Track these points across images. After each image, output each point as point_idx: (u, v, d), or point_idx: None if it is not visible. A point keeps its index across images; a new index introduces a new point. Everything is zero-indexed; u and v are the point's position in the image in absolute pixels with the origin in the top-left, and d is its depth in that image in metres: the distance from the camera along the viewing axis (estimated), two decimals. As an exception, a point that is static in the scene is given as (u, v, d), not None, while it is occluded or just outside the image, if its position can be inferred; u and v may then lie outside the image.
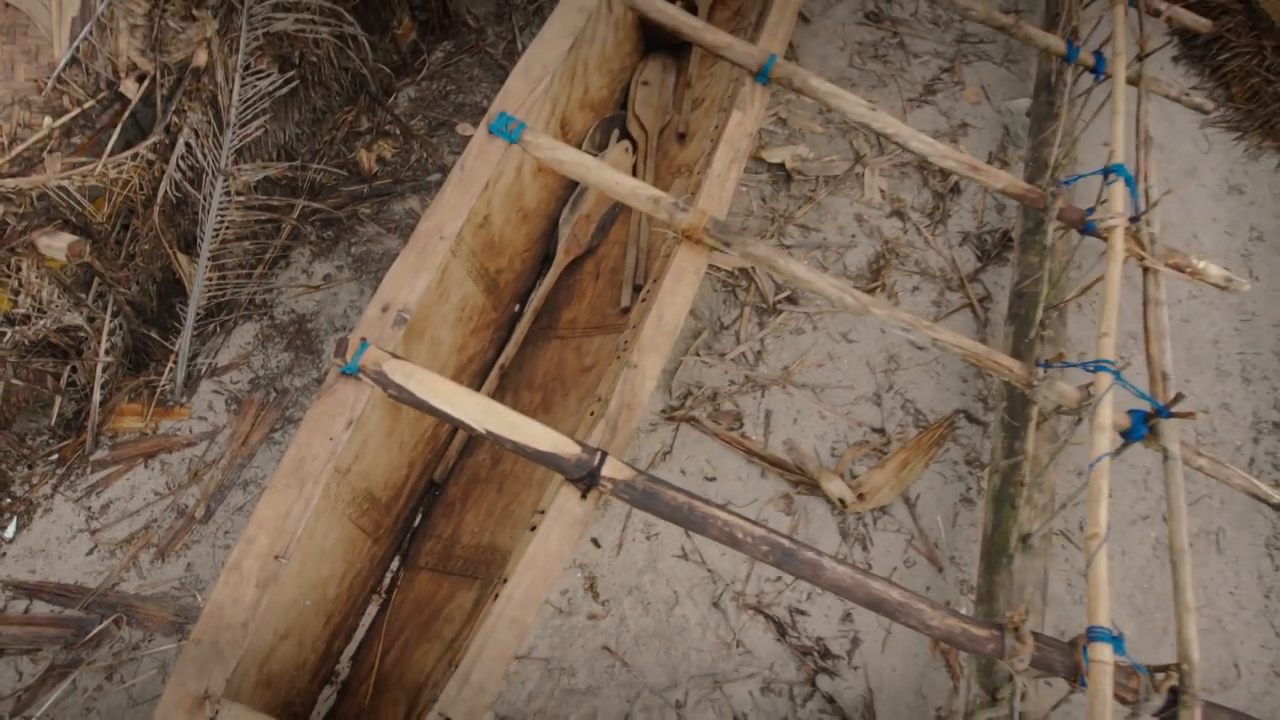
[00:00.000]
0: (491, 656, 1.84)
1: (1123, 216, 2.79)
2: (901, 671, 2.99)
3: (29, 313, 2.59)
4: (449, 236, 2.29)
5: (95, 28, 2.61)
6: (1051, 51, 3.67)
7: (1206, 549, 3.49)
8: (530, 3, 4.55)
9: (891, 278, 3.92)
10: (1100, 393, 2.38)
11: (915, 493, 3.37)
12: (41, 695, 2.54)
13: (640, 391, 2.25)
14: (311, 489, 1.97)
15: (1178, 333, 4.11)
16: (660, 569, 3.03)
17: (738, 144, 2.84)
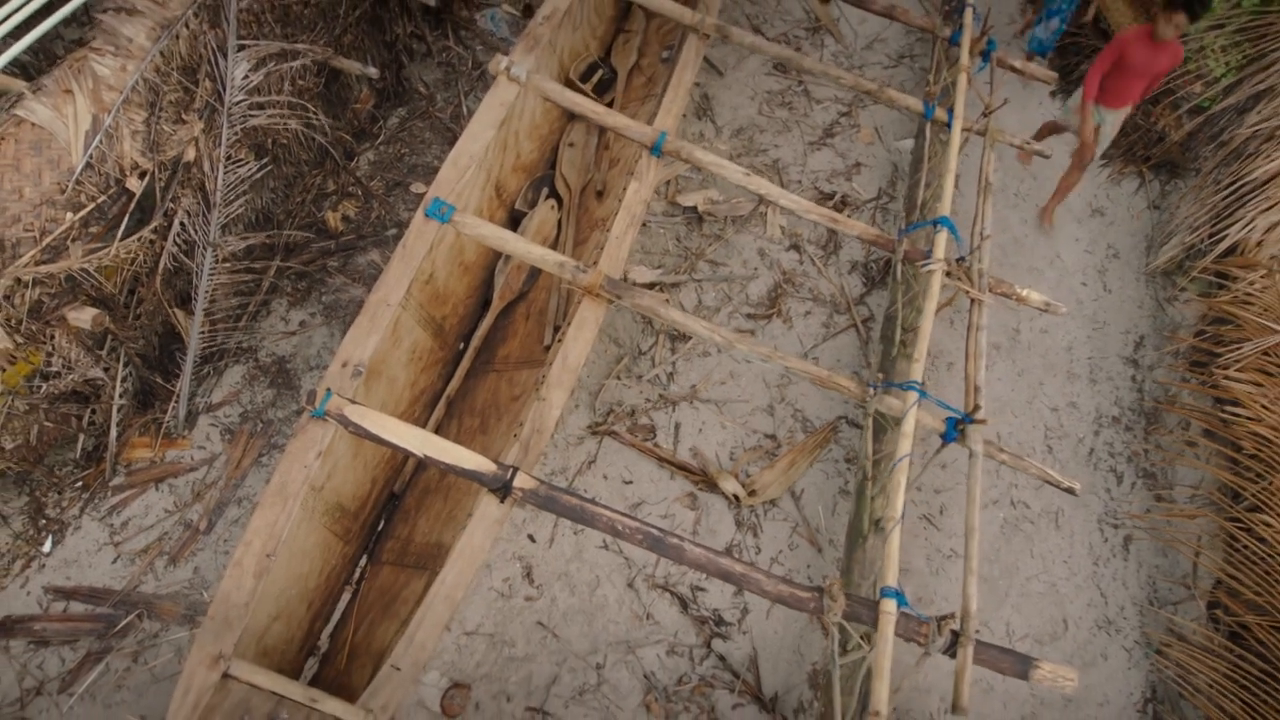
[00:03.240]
0: (430, 623, 2.48)
1: (941, 261, 3.45)
2: (783, 635, 3.66)
3: (59, 370, 3.21)
4: (394, 304, 2.93)
5: (104, 137, 3.22)
6: (911, 110, 4.32)
7: (1047, 525, 4.20)
8: (475, 69, 5.19)
9: (787, 304, 4.60)
10: (907, 407, 3.06)
11: (801, 487, 4.04)
12: (81, 676, 3.15)
13: (548, 419, 2.90)
14: (292, 504, 2.60)
15: (1037, 342, 4.82)
16: (585, 558, 3.69)
17: (634, 210, 3.48)
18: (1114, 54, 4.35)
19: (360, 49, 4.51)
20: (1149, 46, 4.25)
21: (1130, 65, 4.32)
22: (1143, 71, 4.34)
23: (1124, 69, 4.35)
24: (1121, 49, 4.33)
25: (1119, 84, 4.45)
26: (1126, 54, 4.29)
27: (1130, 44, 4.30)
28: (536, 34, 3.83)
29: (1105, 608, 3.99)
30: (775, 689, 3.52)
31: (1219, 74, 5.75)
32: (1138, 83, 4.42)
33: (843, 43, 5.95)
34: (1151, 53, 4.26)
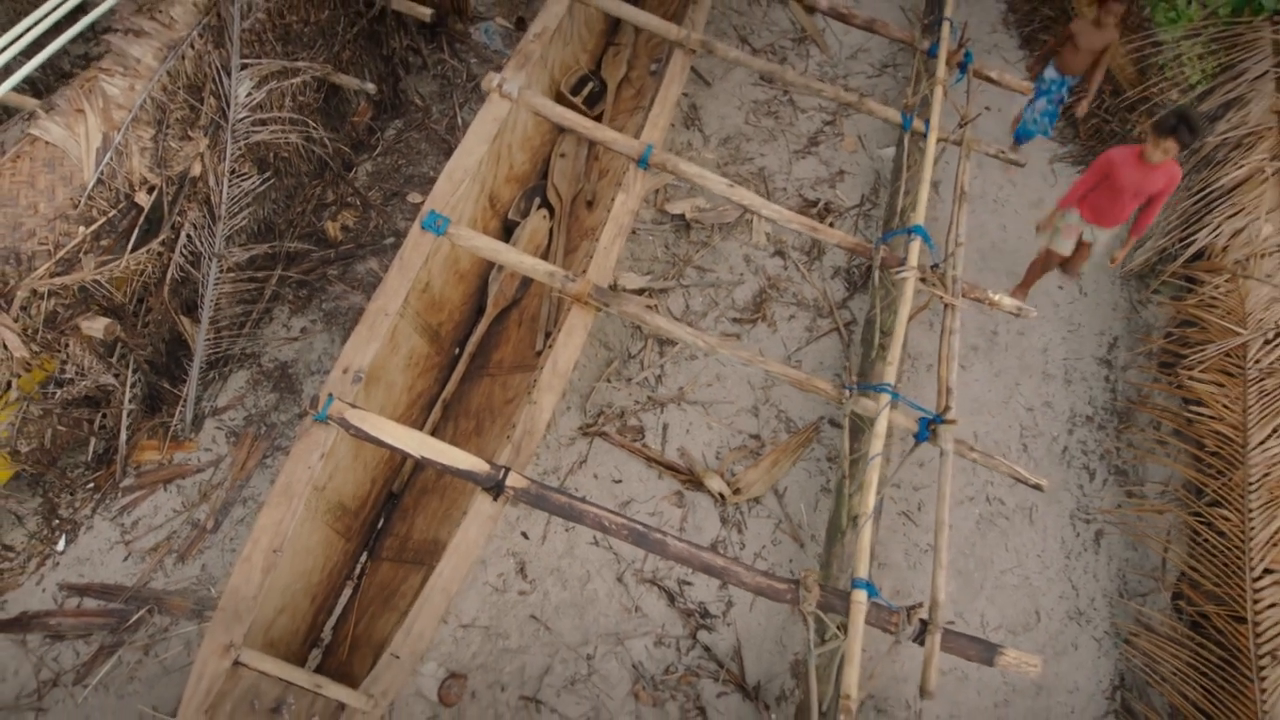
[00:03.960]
0: (428, 614, 2.64)
1: (914, 269, 3.61)
2: (766, 626, 3.83)
3: (73, 376, 3.36)
4: (392, 312, 3.09)
5: (114, 154, 3.37)
6: (890, 121, 4.48)
7: (1022, 521, 4.36)
8: (469, 81, 5.34)
9: (772, 309, 4.76)
10: (880, 408, 3.22)
11: (784, 485, 4.20)
12: (95, 669, 3.31)
13: (539, 421, 3.06)
14: (297, 503, 2.76)
15: (1014, 343, 4.98)
16: (576, 554, 3.85)
17: (621, 220, 3.64)
18: (1100, 174, 4.09)
19: (358, 64, 4.67)
20: (1140, 168, 3.96)
21: (1120, 186, 4.03)
22: (1135, 193, 4.05)
23: (1113, 189, 4.06)
24: (1108, 169, 4.04)
25: (1108, 202, 4.16)
26: (1115, 175, 4.01)
27: (1119, 165, 4.00)
28: (528, 51, 3.98)
29: (1076, 599, 4.15)
30: (758, 678, 3.68)
31: (1194, 81, 5.92)
32: (1130, 203, 4.11)
33: (828, 53, 6.12)
34: (1143, 174, 3.97)
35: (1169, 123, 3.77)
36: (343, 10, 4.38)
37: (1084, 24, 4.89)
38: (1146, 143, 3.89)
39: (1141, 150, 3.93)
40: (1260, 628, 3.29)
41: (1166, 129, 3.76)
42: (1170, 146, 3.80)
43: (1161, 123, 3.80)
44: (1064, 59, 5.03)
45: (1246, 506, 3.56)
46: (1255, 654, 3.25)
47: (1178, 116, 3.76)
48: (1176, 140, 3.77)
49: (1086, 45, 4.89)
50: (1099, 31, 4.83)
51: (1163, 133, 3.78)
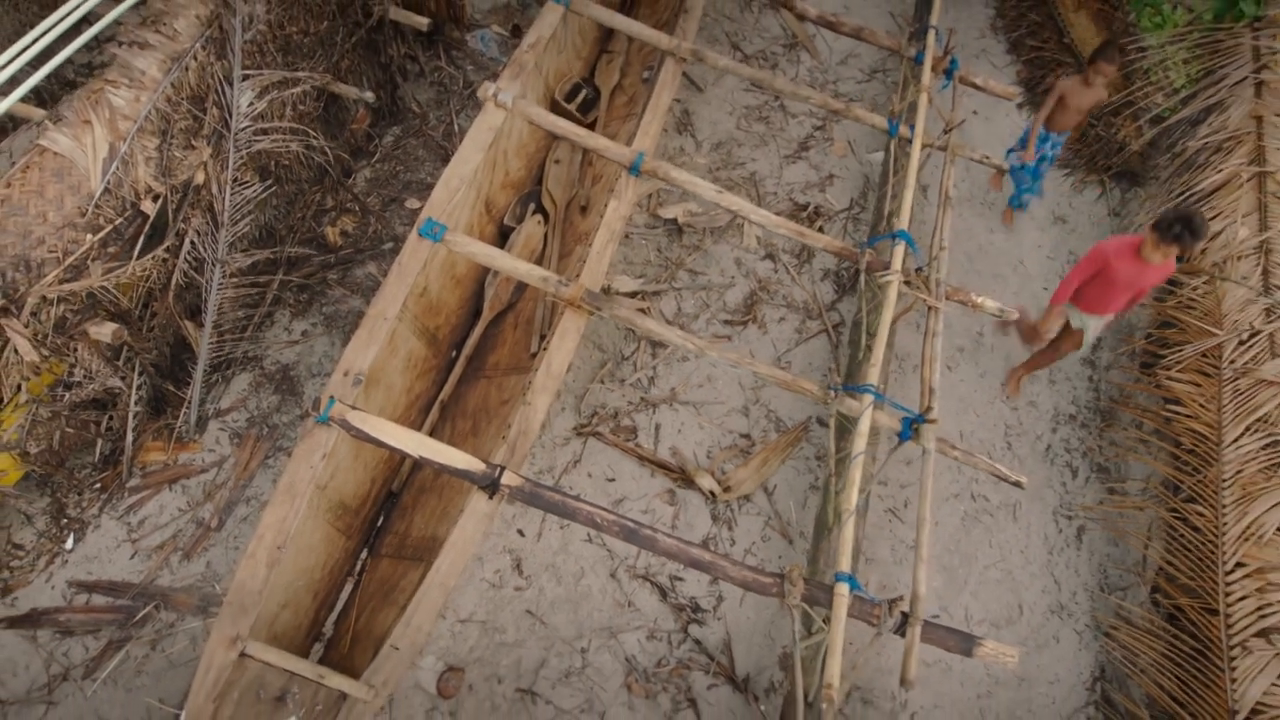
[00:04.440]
0: (426, 608, 2.74)
1: (897, 273, 3.72)
2: (755, 620, 3.93)
3: (81, 379, 3.46)
4: (391, 317, 3.19)
5: (120, 163, 3.47)
6: (876, 128, 4.59)
7: (1006, 517, 4.47)
8: (466, 88, 5.45)
9: (763, 311, 4.87)
10: (863, 408, 3.33)
11: (773, 484, 4.31)
12: (103, 663, 3.41)
13: (533, 422, 3.17)
14: (300, 502, 2.86)
15: (999, 344, 5.09)
16: (571, 550, 3.95)
17: (613, 226, 3.75)
18: (1094, 266, 3.90)
19: (357, 72, 4.77)
20: (1136, 263, 3.77)
21: (1114, 280, 3.86)
22: (1127, 285, 3.87)
23: (1107, 281, 3.89)
24: (1103, 263, 3.85)
25: (1101, 293, 3.98)
26: (1109, 269, 3.83)
27: (1114, 258, 3.81)
28: (522, 61, 4.09)
29: (1058, 594, 4.27)
30: (748, 670, 3.79)
31: (1179, 84, 6.03)
32: (1123, 295, 3.95)
33: (818, 58, 6.23)
34: (1139, 270, 3.78)
35: (1173, 229, 3.52)
36: (341, 20, 4.48)
37: (1073, 83, 4.76)
38: (1145, 240, 3.66)
39: (1139, 245, 3.72)
40: (1231, 619, 3.39)
41: (1169, 235, 3.53)
42: (1172, 251, 3.60)
43: (1164, 226, 3.55)
44: (1053, 117, 4.90)
45: (1220, 502, 3.67)
46: (1226, 645, 3.36)
47: (1181, 222, 3.51)
48: (1179, 245, 3.56)
49: (1076, 105, 4.78)
50: (1089, 91, 4.72)
51: (1165, 238, 3.54)
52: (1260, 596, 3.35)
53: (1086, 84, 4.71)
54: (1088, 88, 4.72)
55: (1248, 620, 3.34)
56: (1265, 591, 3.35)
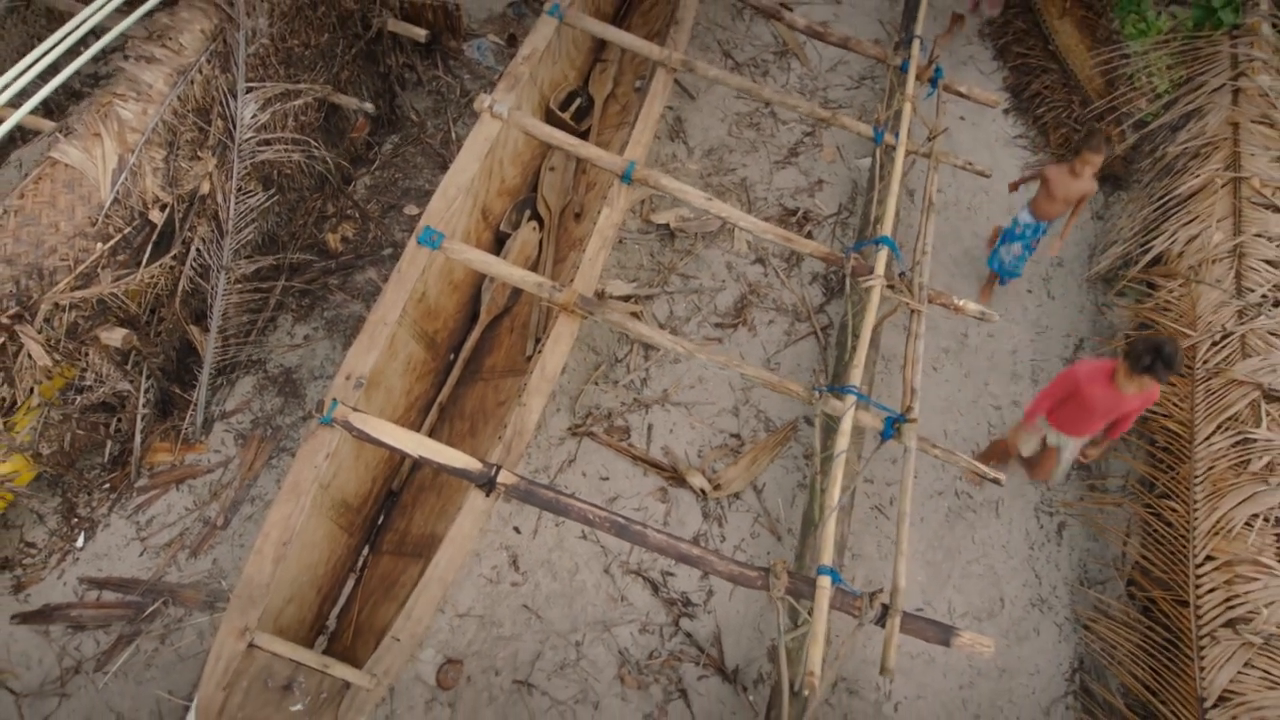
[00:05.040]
0: (425, 601, 2.87)
1: (879, 278, 3.85)
2: (744, 614, 4.06)
3: (91, 383, 3.59)
4: (391, 322, 3.32)
5: (129, 174, 3.60)
6: (862, 135, 4.72)
7: (988, 514, 4.60)
8: (463, 97, 5.57)
9: (753, 314, 5.00)
10: (845, 408, 3.46)
11: (762, 482, 4.44)
12: (114, 657, 3.53)
13: (528, 423, 3.29)
14: (304, 500, 2.99)
15: (984, 345, 5.23)
16: (566, 547, 4.08)
17: (606, 233, 3.87)
18: (1064, 391, 3.69)
19: (356, 83, 4.90)
20: (1111, 390, 3.52)
21: (1090, 406, 3.64)
22: (1105, 412, 3.66)
23: (1083, 406, 3.66)
24: (1074, 388, 3.63)
25: (1076, 416, 3.77)
26: (1083, 395, 3.60)
27: (1085, 385, 3.58)
28: (517, 73, 4.21)
29: (1039, 587, 4.39)
30: (737, 662, 3.92)
31: (1162, 89, 6.17)
32: (1101, 420, 3.74)
33: (808, 66, 6.36)
34: (1115, 398, 3.55)
35: (1142, 361, 3.30)
36: (341, 33, 4.61)
37: (1060, 171, 4.56)
38: (1119, 370, 3.44)
39: (1112, 373, 3.49)
40: (1201, 610, 3.52)
41: (1140, 366, 3.30)
42: (1147, 383, 3.38)
43: (1134, 356, 3.33)
44: (1039, 205, 4.71)
45: (1192, 498, 3.80)
46: (1196, 635, 3.49)
47: (1152, 352, 3.27)
48: (1154, 378, 3.32)
49: (1063, 195, 4.59)
50: (1075, 181, 4.51)
51: (1138, 369, 3.31)
52: (1228, 589, 3.48)
53: (1073, 174, 4.49)
54: (1075, 178, 4.50)
55: (1216, 611, 3.47)
56: (1233, 584, 3.48)
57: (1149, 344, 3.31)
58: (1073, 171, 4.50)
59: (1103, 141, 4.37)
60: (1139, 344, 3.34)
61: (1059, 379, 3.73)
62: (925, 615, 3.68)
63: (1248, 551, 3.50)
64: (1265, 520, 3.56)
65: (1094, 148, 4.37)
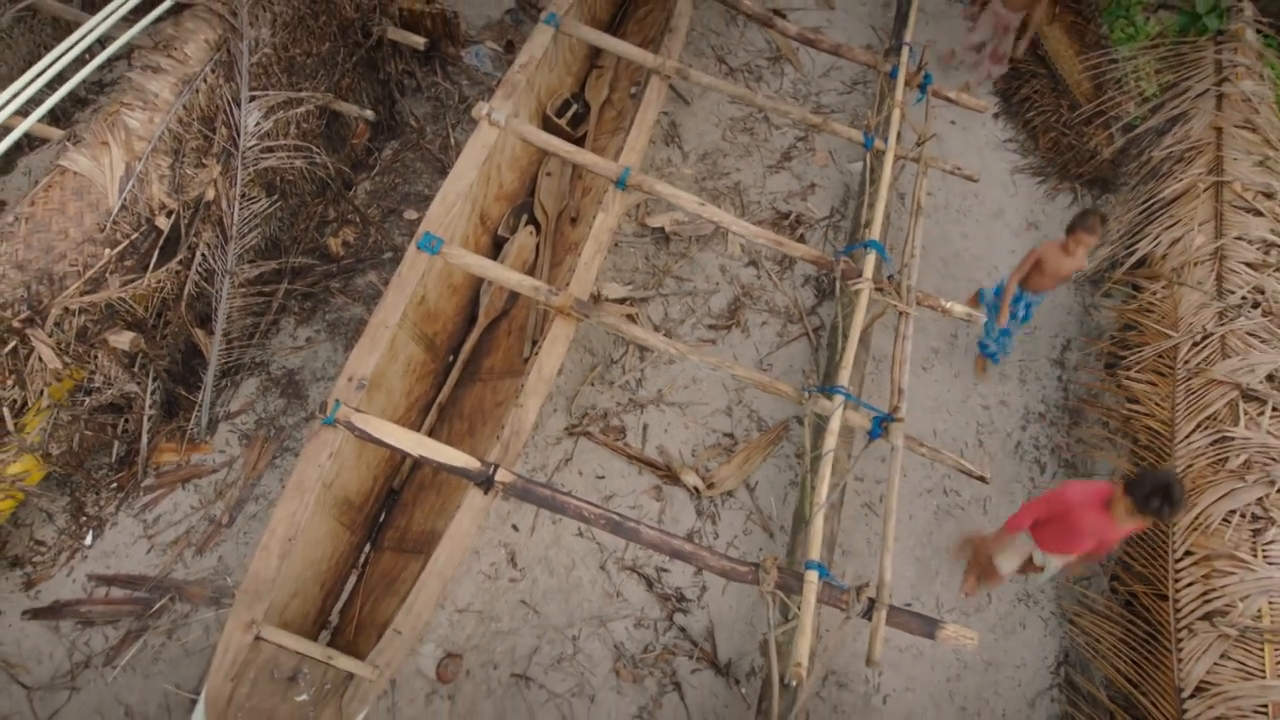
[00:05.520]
0: (426, 595, 2.97)
1: (867, 282, 3.94)
2: (737, 609, 4.16)
3: (100, 385, 3.68)
4: (391, 326, 3.42)
5: (136, 182, 3.69)
6: (853, 141, 4.82)
7: (976, 511, 4.70)
8: (461, 103, 5.67)
9: (746, 315, 5.10)
10: (834, 408, 3.56)
11: (755, 480, 4.54)
12: (122, 651, 3.63)
13: (525, 423, 3.39)
14: (308, 498, 3.08)
15: (972, 346, 5.32)
16: (562, 544, 4.18)
17: (601, 238, 3.97)
18: (1054, 509, 3.51)
19: (357, 90, 5.00)
20: (1105, 518, 3.34)
21: (1079, 529, 3.46)
22: (1093, 535, 3.48)
23: (1070, 526, 3.49)
24: (1065, 509, 3.44)
25: (1062, 535, 3.56)
26: (1074, 517, 3.43)
27: (1079, 509, 3.39)
28: (514, 81, 4.31)
29: (1025, 583, 4.49)
30: (730, 656, 4.02)
31: (1150, 93, 6.28)
32: (1088, 542, 3.55)
33: (801, 71, 6.46)
34: (1108, 525, 3.37)
35: (1150, 503, 3.08)
36: (342, 41, 4.71)
37: (1053, 249, 4.46)
38: (1116, 498, 3.24)
39: (1108, 499, 3.29)
40: (1180, 604, 3.62)
41: (1146, 508, 3.10)
42: (1147, 522, 3.28)
43: (1139, 496, 3.11)
44: (1030, 278, 4.62)
45: (1172, 495, 3.90)
46: (1175, 628, 3.59)
47: (1160, 495, 3.06)
48: (1155, 517, 3.18)
49: (1054, 270, 4.50)
50: (1067, 259, 4.43)
51: (1142, 507, 3.11)
52: (1205, 583, 3.58)
53: (1066, 251, 4.40)
54: (1067, 255, 4.42)
55: (1194, 605, 3.57)
56: (1210, 578, 3.58)
57: (1156, 482, 3.09)
58: (1065, 249, 4.41)
59: (1097, 222, 4.28)
60: (1146, 483, 3.11)
61: (1048, 498, 3.54)
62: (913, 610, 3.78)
63: (1225, 546, 3.60)
64: (1241, 516, 3.66)
65: (1088, 228, 4.28)
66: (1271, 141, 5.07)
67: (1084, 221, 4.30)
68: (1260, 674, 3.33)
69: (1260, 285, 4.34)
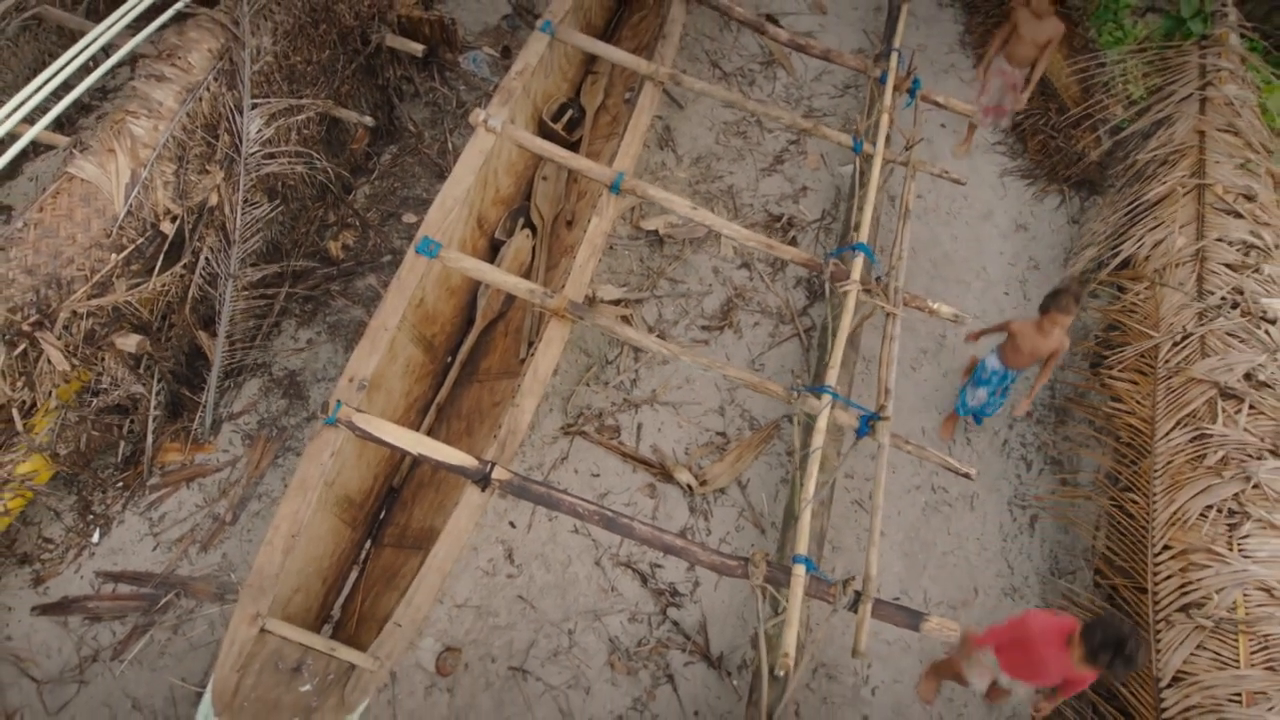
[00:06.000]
0: (425, 589, 3.06)
1: (854, 284, 4.05)
2: (729, 603, 4.26)
3: (107, 386, 3.77)
4: (391, 328, 3.51)
5: (141, 188, 3.78)
6: (842, 145, 4.92)
7: (963, 507, 4.81)
8: (459, 108, 5.76)
9: (738, 316, 5.20)
10: (821, 407, 3.66)
11: (747, 478, 4.64)
12: (129, 646, 3.72)
13: (521, 422, 3.49)
14: (311, 496, 3.18)
15: (961, 347, 5.41)
16: (559, 541, 4.28)
17: (595, 241, 4.07)
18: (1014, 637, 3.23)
19: (356, 96, 5.09)
20: (1064, 654, 3.05)
21: (1039, 663, 3.16)
22: (1052, 670, 3.19)
23: (1031, 659, 3.19)
24: (1025, 638, 3.16)
25: (1022, 664, 3.25)
26: (1033, 649, 3.13)
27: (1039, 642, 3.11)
28: (510, 87, 4.41)
29: (1011, 577, 4.60)
30: (721, 649, 4.12)
31: (1137, 96, 6.38)
32: (1046, 675, 3.25)
33: (794, 75, 6.56)
34: (1067, 664, 3.06)
35: (1100, 656, 2.85)
36: (342, 49, 4.80)
37: (1026, 327, 4.22)
38: (1074, 642, 2.97)
39: (1068, 637, 3.03)
40: (1158, 597, 3.73)
41: (1096, 660, 2.87)
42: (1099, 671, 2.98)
43: (1090, 644, 2.88)
44: (1006, 355, 4.38)
45: (1151, 491, 4.00)
46: (1153, 620, 3.69)
47: (1114, 648, 2.82)
48: (1109, 672, 2.93)
49: (1030, 349, 4.25)
50: (1043, 339, 4.18)
51: (1091, 660, 2.90)
52: (1183, 576, 3.68)
53: (1040, 330, 4.14)
54: (1042, 335, 4.16)
55: (1172, 597, 3.68)
56: (1187, 571, 3.68)
57: (1108, 637, 2.84)
58: (1040, 329, 4.13)
59: (1071, 302, 3.96)
60: (1098, 633, 2.87)
61: (1011, 624, 3.28)
62: (900, 603, 3.88)
63: (1202, 540, 3.71)
64: (1218, 511, 3.76)
65: (1062, 308, 3.97)
66: (1252, 145, 5.17)
67: (1057, 302, 3.97)
68: (1234, 664, 3.43)
69: (1239, 286, 4.44)
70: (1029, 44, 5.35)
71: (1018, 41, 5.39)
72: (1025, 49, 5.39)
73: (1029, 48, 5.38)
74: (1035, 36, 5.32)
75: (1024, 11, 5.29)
